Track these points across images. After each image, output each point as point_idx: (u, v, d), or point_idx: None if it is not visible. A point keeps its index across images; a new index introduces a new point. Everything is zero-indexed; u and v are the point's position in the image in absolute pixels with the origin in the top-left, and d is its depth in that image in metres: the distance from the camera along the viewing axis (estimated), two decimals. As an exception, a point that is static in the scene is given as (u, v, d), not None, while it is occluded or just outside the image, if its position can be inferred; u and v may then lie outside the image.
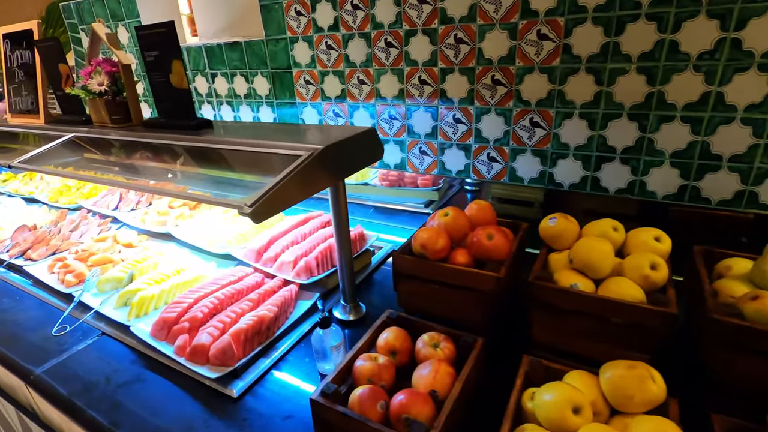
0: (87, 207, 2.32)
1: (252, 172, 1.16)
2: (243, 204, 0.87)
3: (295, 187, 0.96)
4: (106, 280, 1.58)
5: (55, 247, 1.90)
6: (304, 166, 0.98)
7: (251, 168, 1.17)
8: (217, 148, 1.22)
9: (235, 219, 1.95)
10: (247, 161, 1.17)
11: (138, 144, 1.45)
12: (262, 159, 1.11)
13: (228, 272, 1.53)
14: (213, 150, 1.24)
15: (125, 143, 1.50)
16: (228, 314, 1.28)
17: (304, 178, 0.99)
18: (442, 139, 1.82)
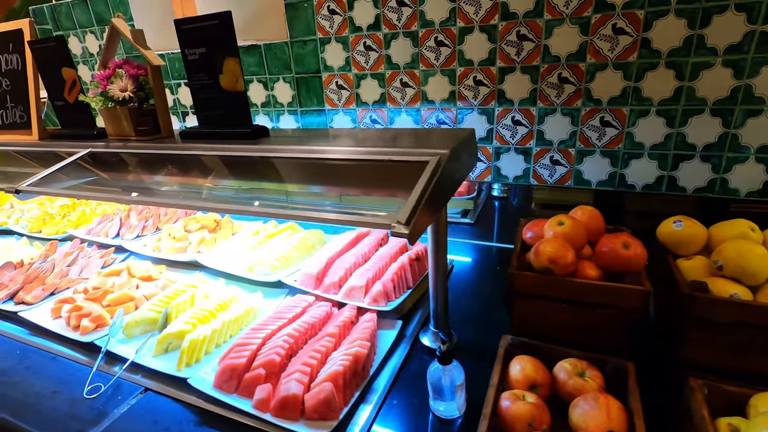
0: (79, 236, 2.00)
1: (363, 184, 0.98)
2: (394, 222, 0.69)
3: (434, 198, 0.79)
4: (135, 322, 1.31)
5: (54, 286, 1.59)
6: (438, 174, 0.82)
7: (360, 180, 0.99)
8: (302, 158, 1.03)
9: (268, 240, 1.72)
10: (349, 172, 0.99)
11: (185, 158, 1.22)
12: (369, 168, 0.93)
13: (289, 303, 1.32)
14: (297, 161, 1.05)
15: (165, 158, 1.26)
16: (312, 355, 1.07)
17: (438, 189, 0.82)
18: (498, 143, 1.70)
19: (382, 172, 0.90)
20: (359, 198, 0.98)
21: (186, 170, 1.25)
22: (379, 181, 0.92)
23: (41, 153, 1.45)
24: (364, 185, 0.97)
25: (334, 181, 1.03)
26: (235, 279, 1.56)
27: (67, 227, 2.07)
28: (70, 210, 2.27)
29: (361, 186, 0.97)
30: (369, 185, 0.97)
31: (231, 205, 1.03)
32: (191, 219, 1.98)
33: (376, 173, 0.92)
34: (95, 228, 2.03)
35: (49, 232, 2.06)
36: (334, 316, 1.27)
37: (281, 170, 1.13)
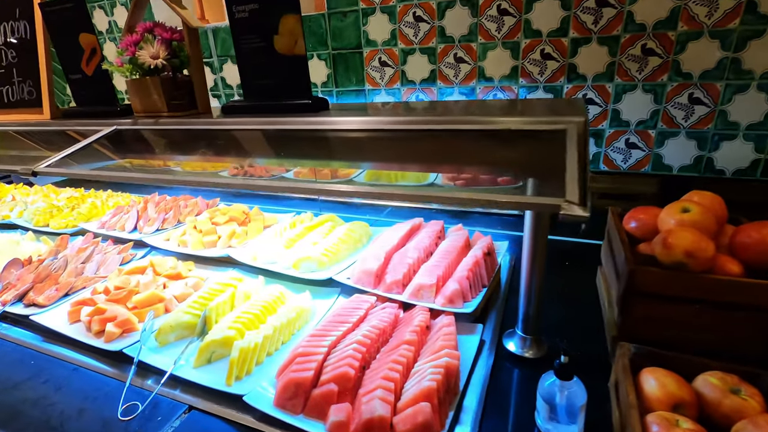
0: (92, 230, 1.81)
1: (480, 161, 0.80)
2: (562, 202, 0.52)
3: (583, 171, 0.62)
4: (170, 327, 1.13)
5: (69, 286, 1.41)
6: (579, 143, 0.64)
7: (474, 156, 0.81)
8: (394, 130, 0.85)
9: (308, 234, 1.54)
10: (457, 147, 0.82)
11: (235, 134, 1.03)
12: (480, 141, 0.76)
13: (348, 305, 1.14)
14: (384, 134, 0.87)
15: (210, 134, 1.08)
16: (392, 367, 0.90)
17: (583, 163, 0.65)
18: (565, 124, 1.53)
19: (496, 146, 0.73)
20: (479, 176, 0.80)
21: (239, 148, 1.06)
22: (499, 156, 0.75)
23: (55, 134, 1.26)
24: (481, 162, 0.79)
25: (440, 158, 0.85)
26: (277, 277, 1.38)
27: (77, 220, 1.88)
28: (79, 202, 2.08)
29: (479, 162, 0.79)
30: (487, 162, 0.80)
31: (336, 185, 0.84)
32: (216, 211, 1.79)
33: (491, 147, 0.75)
34: (109, 221, 1.84)
35: (57, 225, 1.86)
36: (404, 319, 1.10)
37: (364, 147, 0.95)
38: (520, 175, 0.72)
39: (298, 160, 0.99)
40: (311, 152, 1.00)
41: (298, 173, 1.07)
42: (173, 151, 1.05)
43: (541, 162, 0.65)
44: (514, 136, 0.69)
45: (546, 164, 0.63)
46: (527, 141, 0.68)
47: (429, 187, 0.70)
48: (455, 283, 1.11)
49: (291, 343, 1.11)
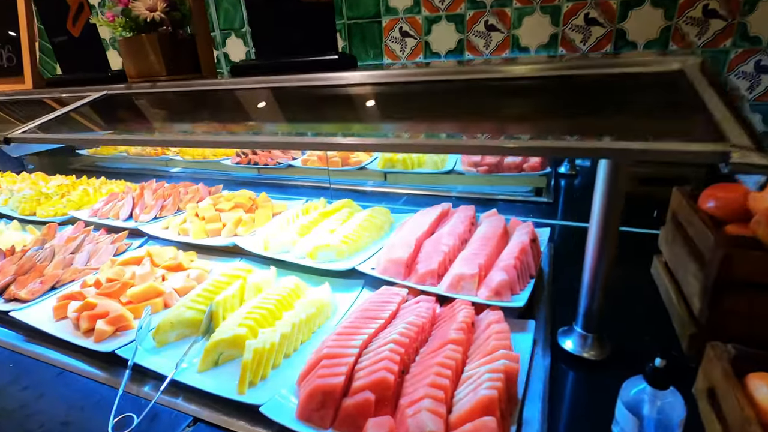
0: (83, 219, 1.65)
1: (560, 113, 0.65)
2: (730, 147, 0.36)
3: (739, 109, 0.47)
4: (170, 324, 0.98)
5: (55, 278, 1.25)
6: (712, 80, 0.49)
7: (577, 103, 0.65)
8: (447, 81, 0.70)
9: (323, 220, 1.39)
10: (533, 96, 0.66)
11: (248, 95, 0.88)
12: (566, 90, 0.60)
13: (377, 299, 0.99)
14: (439, 85, 0.71)
15: (217, 96, 0.92)
16: (439, 372, 0.75)
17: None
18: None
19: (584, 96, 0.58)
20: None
21: (253, 113, 0.90)
22: (591, 107, 0.60)
23: (37, 104, 1.10)
24: (572, 113, 0.64)
25: (514, 113, 0.69)
26: (290, 268, 1.23)
27: (67, 208, 1.72)
28: (69, 189, 1.91)
29: (569, 114, 0.64)
30: (580, 113, 0.64)
31: (375, 139, 0.67)
32: (220, 197, 1.63)
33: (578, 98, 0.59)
34: (102, 209, 1.68)
35: (45, 214, 1.70)
36: (442, 315, 0.95)
37: (410, 104, 0.79)
38: (630, 126, 0.57)
39: (324, 123, 0.84)
40: (341, 114, 0.84)
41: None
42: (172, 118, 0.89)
43: (659, 108, 0.51)
44: (609, 82, 0.54)
45: (669, 111, 0.48)
46: (627, 88, 0.52)
47: (509, 140, 0.55)
48: (502, 273, 0.96)
49: (311, 343, 0.96)
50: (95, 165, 2.75)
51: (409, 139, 0.61)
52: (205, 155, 2.52)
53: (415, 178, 2.06)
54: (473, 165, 1.92)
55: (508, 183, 1.94)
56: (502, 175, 1.91)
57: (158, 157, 2.61)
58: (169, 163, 2.66)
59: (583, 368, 0.89)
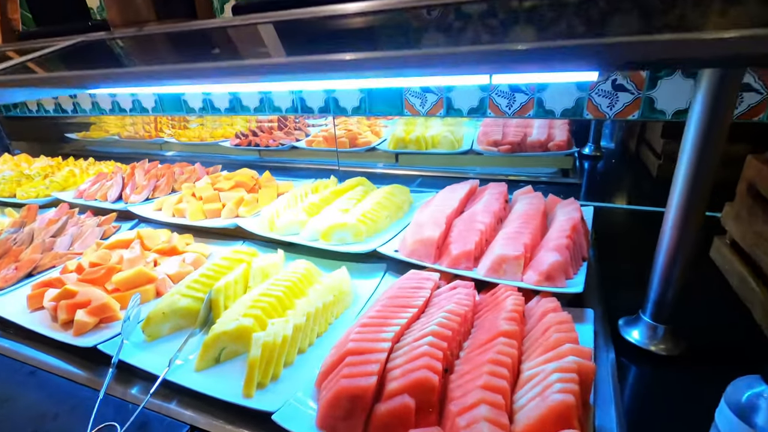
0: (67, 200, 1.49)
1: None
2: None
3: None
4: (163, 315, 0.83)
5: (32, 264, 1.10)
6: None
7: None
8: None
9: (336, 200, 1.24)
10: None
11: (256, 32, 0.72)
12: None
13: (406, 284, 0.85)
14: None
15: (218, 33, 0.76)
16: (492, 370, 0.61)
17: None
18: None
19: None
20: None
21: (264, 46, 0.74)
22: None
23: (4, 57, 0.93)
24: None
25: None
26: (300, 251, 1.08)
27: (50, 189, 1.56)
28: (53, 170, 1.76)
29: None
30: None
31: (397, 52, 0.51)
32: (219, 177, 1.48)
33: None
34: (88, 190, 1.52)
35: (25, 195, 1.55)
36: (485, 303, 0.81)
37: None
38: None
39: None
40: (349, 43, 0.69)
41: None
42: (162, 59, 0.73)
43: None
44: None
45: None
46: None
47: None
48: (554, 254, 0.81)
49: (330, 337, 0.82)
50: (85, 149, 2.58)
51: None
52: (202, 137, 2.36)
53: (430, 159, 1.91)
54: (493, 144, 1.77)
55: (530, 164, 1.79)
56: (524, 155, 1.75)
57: (152, 139, 2.45)
58: (164, 147, 2.50)
59: (653, 364, 0.75)
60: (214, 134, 2.34)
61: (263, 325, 0.79)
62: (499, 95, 1.45)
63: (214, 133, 2.34)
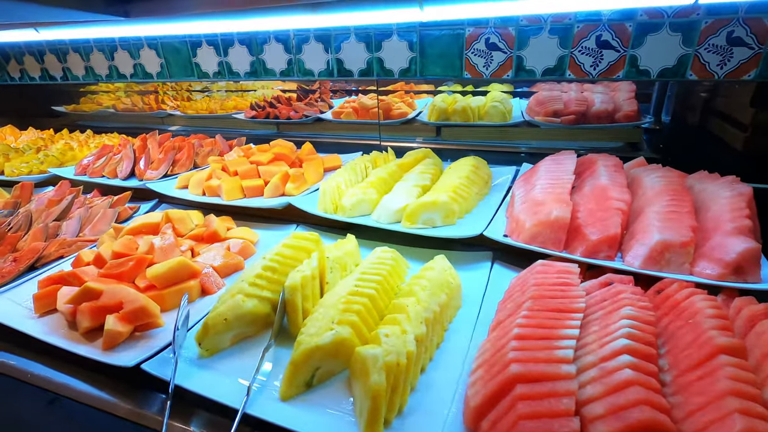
0: (67, 177, 1.26)
1: None
2: None
3: None
4: (224, 322, 0.63)
5: (36, 253, 0.88)
6: None
7: None
8: None
9: (406, 173, 1.03)
10: None
11: None
12: None
13: (542, 280, 0.65)
14: None
15: None
16: (744, 408, 0.42)
17: None
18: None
19: None
20: None
21: None
22: None
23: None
24: None
25: None
26: (375, 237, 0.88)
27: (45, 165, 1.32)
28: (46, 143, 1.51)
29: None
30: None
31: None
32: (251, 150, 1.26)
33: None
34: (92, 165, 1.29)
35: (16, 171, 1.30)
36: (660, 306, 0.62)
37: None
38: None
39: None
40: None
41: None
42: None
43: None
44: None
45: None
46: None
47: None
48: (741, 240, 0.62)
49: (450, 348, 0.62)
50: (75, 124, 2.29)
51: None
52: (212, 109, 2.12)
53: (477, 132, 1.71)
54: (552, 114, 1.58)
55: (593, 137, 1.61)
56: (589, 126, 1.57)
57: (154, 112, 2.20)
58: (167, 120, 2.25)
59: None
60: (225, 106, 2.09)
61: (361, 335, 0.59)
62: (582, 53, 1.24)
63: (226, 105, 2.09)
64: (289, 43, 1.56)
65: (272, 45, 1.58)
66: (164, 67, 1.80)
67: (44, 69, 2.05)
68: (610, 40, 1.20)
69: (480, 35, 1.32)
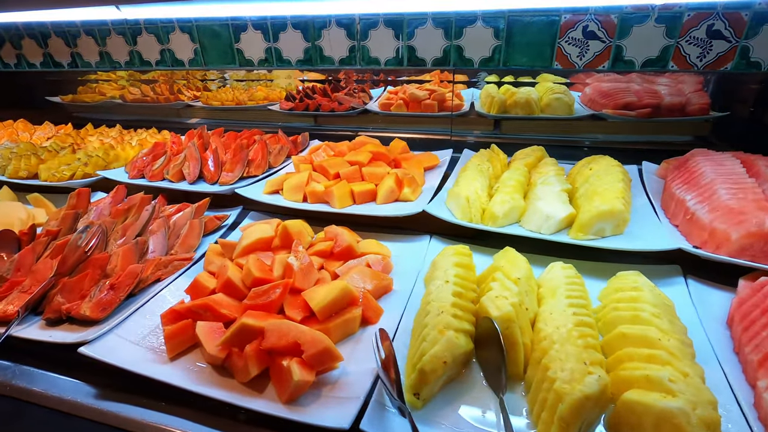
0: (121, 180, 1.09)
1: None
2: None
3: None
4: (444, 364, 0.53)
5: (135, 277, 0.74)
6: None
7: None
8: None
9: (542, 178, 0.94)
10: None
11: None
12: None
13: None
14: None
15: None
16: None
17: None
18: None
19: None
20: None
21: None
22: None
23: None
24: None
25: None
26: (535, 249, 0.78)
27: (90, 167, 1.15)
28: (77, 139, 1.32)
29: None
30: None
31: None
32: (339, 147, 1.13)
33: None
34: (150, 167, 1.13)
35: (57, 176, 1.12)
36: None
37: None
38: None
39: None
40: None
41: None
42: None
43: None
44: None
45: None
46: None
47: None
48: None
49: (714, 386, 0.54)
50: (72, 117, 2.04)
51: None
52: (240, 100, 1.94)
53: (541, 125, 1.64)
54: (622, 107, 1.52)
55: (663, 131, 1.58)
56: (663, 120, 1.52)
57: (170, 103, 2.00)
58: (183, 113, 2.05)
59: None
60: (255, 96, 1.92)
61: (660, 383, 0.50)
62: (690, 43, 1.18)
63: (256, 95, 1.93)
64: (352, 28, 1.41)
65: (332, 30, 1.44)
66: (198, 53, 1.62)
67: (47, 54, 1.81)
68: (722, 30, 1.14)
69: (577, 23, 1.23)
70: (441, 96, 1.67)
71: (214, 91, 1.99)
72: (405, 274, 0.77)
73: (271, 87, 1.96)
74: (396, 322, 0.67)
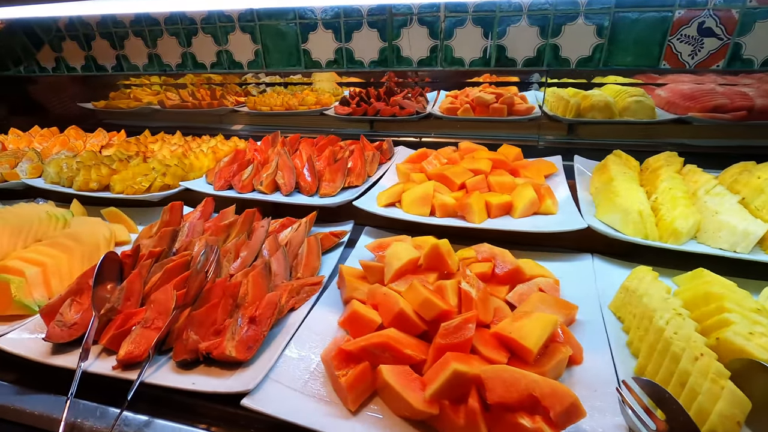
0: (209, 192, 0.99)
1: None
2: None
3: None
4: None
5: (273, 308, 0.65)
6: None
7: None
8: None
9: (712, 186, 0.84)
10: None
11: None
12: None
13: None
14: None
15: None
16: None
17: None
18: None
19: None
20: None
21: None
22: None
23: None
24: None
25: None
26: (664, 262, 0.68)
27: (169, 177, 1.04)
28: (141, 147, 1.21)
29: None
30: None
31: None
32: (451, 152, 1.03)
33: None
34: (238, 177, 1.02)
35: (135, 188, 1.01)
36: None
37: None
38: None
39: None
40: None
41: None
42: None
43: None
44: None
45: None
46: None
47: None
48: None
49: None
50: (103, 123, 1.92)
51: None
52: (289, 105, 1.85)
53: (618, 130, 1.55)
54: (711, 110, 1.43)
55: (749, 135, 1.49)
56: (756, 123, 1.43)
57: (213, 109, 1.89)
58: (226, 119, 1.94)
59: None
60: (306, 101, 1.82)
61: None
62: (821, 39, 1.10)
63: (307, 100, 1.83)
64: (436, 26, 1.32)
65: (414, 28, 1.34)
66: (259, 55, 1.51)
67: (90, 57, 1.71)
68: None
69: (692, 19, 1.15)
70: (509, 100, 1.58)
71: (260, 96, 1.89)
72: (575, 300, 0.67)
73: (320, 92, 1.86)
74: (603, 361, 0.56)
